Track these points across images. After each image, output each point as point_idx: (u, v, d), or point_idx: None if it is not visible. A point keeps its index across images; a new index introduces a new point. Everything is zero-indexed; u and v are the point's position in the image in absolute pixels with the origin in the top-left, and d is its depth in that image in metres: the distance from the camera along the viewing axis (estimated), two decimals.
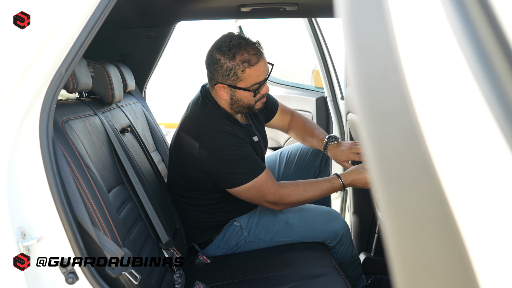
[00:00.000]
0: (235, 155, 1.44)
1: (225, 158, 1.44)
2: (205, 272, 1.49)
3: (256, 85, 1.48)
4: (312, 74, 3.14)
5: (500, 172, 0.33)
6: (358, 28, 0.43)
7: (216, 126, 1.46)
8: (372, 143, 0.42)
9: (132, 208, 1.31)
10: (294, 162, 1.94)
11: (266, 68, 1.50)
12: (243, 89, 1.47)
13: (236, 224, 1.60)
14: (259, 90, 1.50)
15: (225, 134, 1.45)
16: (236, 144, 1.45)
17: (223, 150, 1.44)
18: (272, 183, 1.48)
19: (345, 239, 1.62)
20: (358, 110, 0.44)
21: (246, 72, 1.44)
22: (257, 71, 1.45)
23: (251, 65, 1.44)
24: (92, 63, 1.43)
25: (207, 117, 1.50)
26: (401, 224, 0.41)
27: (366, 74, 0.42)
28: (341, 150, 1.73)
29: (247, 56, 1.43)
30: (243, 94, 1.49)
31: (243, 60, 1.43)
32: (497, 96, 0.32)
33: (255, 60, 1.44)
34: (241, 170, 1.45)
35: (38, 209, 0.92)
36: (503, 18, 0.33)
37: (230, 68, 1.44)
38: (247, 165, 1.46)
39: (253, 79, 1.46)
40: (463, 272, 0.35)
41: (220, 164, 1.45)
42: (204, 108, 1.53)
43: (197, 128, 1.49)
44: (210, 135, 1.45)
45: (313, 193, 1.51)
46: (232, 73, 1.44)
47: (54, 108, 0.93)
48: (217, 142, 1.44)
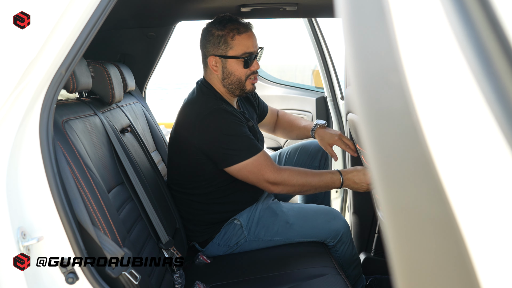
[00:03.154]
0: (232, 131, 1.47)
1: (223, 134, 1.47)
2: (205, 272, 1.49)
3: (246, 54, 1.53)
4: (312, 74, 3.14)
5: (500, 172, 0.33)
6: (358, 28, 0.43)
7: (213, 105, 1.51)
8: (372, 143, 0.42)
9: (132, 208, 1.31)
10: (293, 162, 1.94)
11: (256, 42, 1.57)
12: (233, 57, 1.52)
13: (236, 223, 1.60)
14: (250, 63, 1.54)
15: (222, 111, 1.49)
16: (233, 121, 1.49)
17: (221, 126, 1.48)
18: (272, 163, 1.49)
19: (345, 239, 1.62)
20: (358, 110, 0.44)
21: (235, 39, 1.51)
22: (246, 40, 1.53)
23: (241, 33, 1.52)
24: (92, 63, 1.43)
25: (204, 100, 1.56)
26: (401, 224, 0.41)
27: (366, 74, 0.42)
28: (329, 133, 1.78)
29: (237, 25, 1.53)
30: (233, 65, 1.54)
31: (233, 28, 1.52)
32: (497, 96, 0.32)
33: (244, 29, 1.53)
34: (239, 147, 1.47)
35: (38, 209, 0.92)
36: (503, 18, 0.33)
37: (220, 36, 1.52)
38: (245, 142, 1.48)
39: (242, 47, 1.52)
40: (463, 271, 0.35)
41: (218, 140, 1.47)
42: (200, 94, 1.59)
43: (195, 109, 1.54)
44: (208, 112, 1.49)
45: (313, 179, 1.50)
46: (222, 40, 1.52)
47: (54, 108, 0.93)
48: (214, 119, 1.48)
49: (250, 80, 1.58)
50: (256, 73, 1.60)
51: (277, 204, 1.64)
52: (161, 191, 1.61)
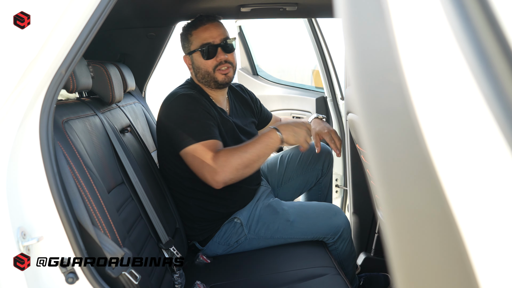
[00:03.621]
0: (185, 114, 1.50)
1: (178, 114, 1.51)
2: (205, 272, 1.49)
3: (205, 46, 1.58)
4: (312, 74, 3.14)
5: (500, 172, 0.33)
6: (358, 28, 0.43)
7: (183, 91, 1.57)
8: (372, 143, 0.42)
9: (132, 208, 1.31)
10: (296, 164, 1.94)
11: (217, 33, 1.60)
12: (194, 51, 1.60)
13: (236, 221, 1.60)
14: (211, 54, 1.58)
15: (185, 96, 1.54)
16: (190, 108, 1.51)
17: (178, 109, 1.52)
18: (215, 152, 1.43)
19: (345, 235, 1.62)
20: (358, 110, 0.44)
21: (192, 34, 1.61)
22: (203, 32, 1.59)
23: (197, 27, 1.61)
24: (92, 63, 1.43)
25: (179, 89, 1.62)
26: (401, 224, 0.41)
27: (366, 74, 0.42)
28: (323, 125, 1.79)
29: (196, 22, 1.62)
30: (198, 60, 1.61)
31: (191, 25, 1.63)
32: (497, 96, 0.32)
33: (200, 24, 1.61)
34: (188, 131, 1.46)
35: (38, 209, 0.92)
36: (503, 18, 0.33)
37: (184, 35, 1.65)
38: (194, 128, 1.46)
39: (200, 40, 1.59)
40: (463, 271, 0.36)
41: (173, 122, 1.50)
42: (180, 87, 1.66)
43: (169, 95, 1.60)
44: (174, 97, 1.55)
45: (253, 148, 1.43)
46: (185, 39, 1.64)
47: (54, 108, 0.93)
48: (175, 103, 1.53)
49: (220, 71, 1.60)
50: (227, 64, 1.60)
51: (278, 202, 1.65)
52: (161, 191, 1.61)
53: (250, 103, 1.88)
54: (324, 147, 1.96)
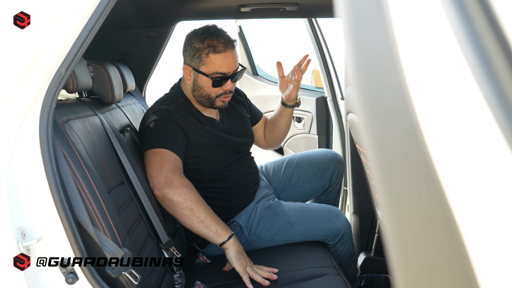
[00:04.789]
0: (154, 122, 1.49)
1: (150, 121, 1.50)
2: (205, 272, 1.49)
3: (218, 75, 1.50)
4: (312, 74, 3.14)
5: (500, 172, 0.33)
6: (358, 28, 0.43)
7: (161, 106, 1.53)
8: (372, 143, 0.42)
9: (132, 208, 1.31)
10: (303, 170, 1.88)
11: (233, 63, 1.51)
12: (204, 74, 1.50)
13: (235, 224, 1.60)
14: (221, 84, 1.52)
15: (162, 111, 1.51)
16: (162, 117, 1.49)
17: (150, 117, 1.51)
18: (172, 167, 1.38)
19: (346, 238, 1.62)
20: (358, 110, 0.44)
21: (209, 56, 1.48)
22: (221, 60, 1.48)
23: (216, 52, 1.47)
24: (92, 63, 1.43)
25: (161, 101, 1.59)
26: (401, 224, 0.41)
27: (366, 75, 0.42)
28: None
29: (216, 42, 1.48)
30: (204, 81, 1.52)
31: (210, 45, 1.47)
32: (497, 96, 0.32)
33: (221, 48, 1.48)
34: (151, 136, 1.46)
35: (38, 209, 0.92)
36: (503, 18, 0.33)
37: (196, 49, 1.49)
38: (157, 135, 1.46)
39: (215, 66, 1.49)
40: (463, 271, 0.35)
41: (144, 128, 1.51)
42: (165, 98, 1.61)
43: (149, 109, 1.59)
44: (157, 108, 1.53)
45: (204, 214, 1.35)
46: (197, 54, 1.49)
47: (54, 108, 0.93)
48: (151, 113, 1.53)
49: (221, 98, 1.56)
50: (230, 93, 1.57)
51: (278, 204, 1.64)
52: None
53: (240, 99, 1.85)
54: (336, 156, 1.89)
